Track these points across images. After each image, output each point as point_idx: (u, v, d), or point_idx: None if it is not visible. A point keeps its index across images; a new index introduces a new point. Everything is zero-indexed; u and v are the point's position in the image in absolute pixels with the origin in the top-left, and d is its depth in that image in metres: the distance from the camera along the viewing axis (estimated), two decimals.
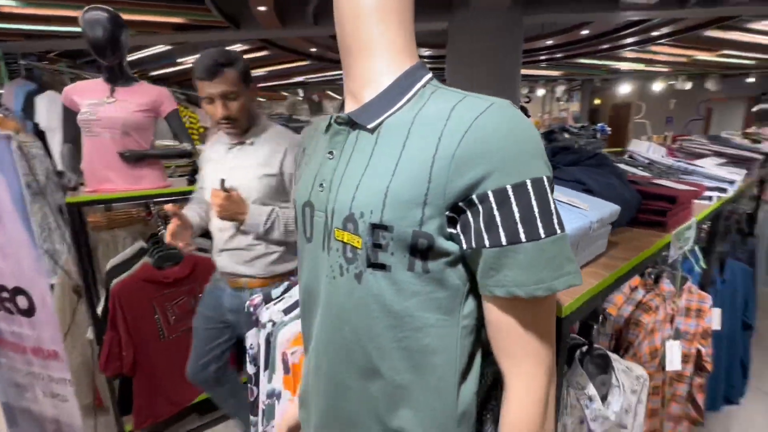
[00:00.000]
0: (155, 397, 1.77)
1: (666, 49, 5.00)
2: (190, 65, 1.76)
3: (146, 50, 3.85)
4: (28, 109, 3.40)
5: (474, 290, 0.48)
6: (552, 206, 0.41)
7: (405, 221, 0.43)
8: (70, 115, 1.68)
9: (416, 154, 0.43)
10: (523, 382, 0.44)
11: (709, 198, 1.21)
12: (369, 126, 0.48)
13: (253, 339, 1.17)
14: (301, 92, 7.81)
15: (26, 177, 1.54)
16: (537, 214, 0.40)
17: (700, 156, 1.63)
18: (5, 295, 1.61)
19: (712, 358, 1.31)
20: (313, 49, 3.95)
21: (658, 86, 7.58)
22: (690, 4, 2.81)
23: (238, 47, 3.78)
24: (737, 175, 1.33)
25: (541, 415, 0.45)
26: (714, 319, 1.32)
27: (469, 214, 0.42)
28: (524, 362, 0.44)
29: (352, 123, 0.50)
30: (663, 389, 1.23)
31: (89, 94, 1.62)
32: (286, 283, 1.23)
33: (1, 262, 1.57)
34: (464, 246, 0.44)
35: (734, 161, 1.58)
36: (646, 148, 1.43)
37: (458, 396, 0.49)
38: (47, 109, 3.41)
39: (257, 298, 1.19)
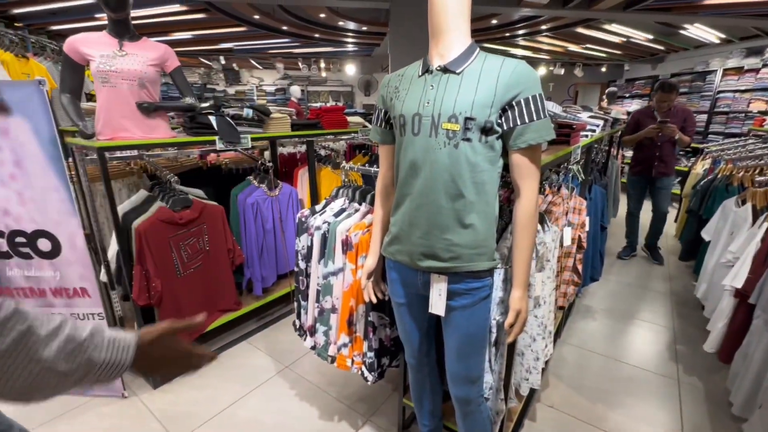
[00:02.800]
0: None
1: (548, 40, 6.20)
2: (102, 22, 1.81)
3: (62, 2, 3.41)
4: None
5: (502, 154, 1.01)
6: (545, 105, 0.96)
7: (481, 115, 0.94)
8: (72, 66, 1.74)
9: (486, 83, 0.94)
10: (529, 188, 1.00)
11: (586, 135, 1.96)
12: (457, 71, 0.97)
13: (304, 242, 1.57)
14: (222, 60, 7.41)
15: None
16: (540, 108, 0.95)
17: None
18: (22, 240, 1.69)
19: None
20: (256, 17, 3.95)
21: (541, 71, 9.18)
22: (570, 6, 3.75)
23: (176, 7, 3.63)
24: (599, 123, 2.13)
25: (536, 205, 1.02)
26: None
27: (509, 111, 0.95)
28: (529, 179, 1.00)
29: (444, 70, 0.98)
30: (560, 260, 1.98)
31: (98, 46, 1.71)
32: (324, 201, 1.64)
33: (19, 208, 1.64)
34: (505, 127, 0.96)
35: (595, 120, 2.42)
36: (551, 106, 2.15)
37: (494, 206, 1.03)
38: None
39: (306, 211, 1.58)
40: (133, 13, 1.96)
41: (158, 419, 1.77)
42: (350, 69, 9.38)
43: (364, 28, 5.43)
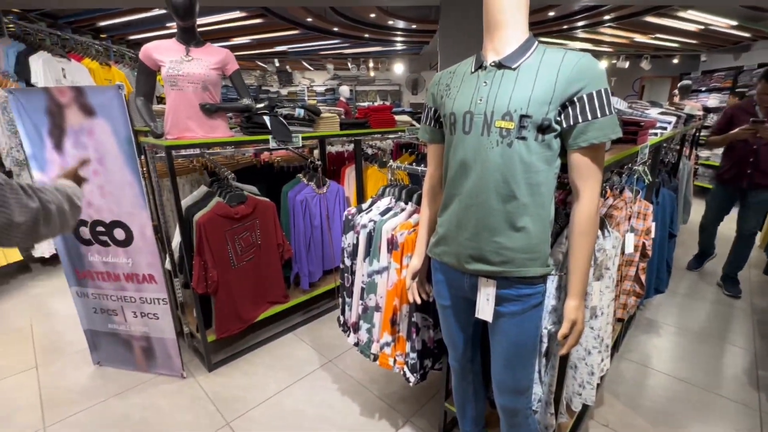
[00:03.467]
0: (230, 315, 2.13)
1: (612, 31, 5.76)
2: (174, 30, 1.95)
3: (139, 14, 3.79)
4: (21, 69, 3.35)
5: (560, 154, 0.95)
6: (611, 100, 0.89)
7: (538, 112, 0.88)
8: (146, 71, 1.91)
9: (545, 78, 0.88)
10: (589, 190, 0.93)
11: (655, 134, 1.79)
12: (513, 66, 0.92)
13: (350, 239, 1.59)
14: (276, 62, 7.78)
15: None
16: (606, 104, 0.87)
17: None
18: (101, 229, 1.87)
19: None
20: (309, 19, 4.10)
21: (602, 65, 8.57)
22: None
23: (236, 14, 3.86)
24: (671, 120, 1.94)
25: (597, 209, 0.94)
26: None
27: (569, 107, 0.89)
28: (590, 180, 0.93)
29: (499, 65, 0.94)
30: (621, 269, 1.83)
31: (168, 53, 1.85)
32: (370, 199, 1.65)
33: (100, 200, 1.82)
34: (564, 125, 0.90)
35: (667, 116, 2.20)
36: (615, 102, 1.99)
37: (549, 208, 0.97)
38: (43, 70, 3.38)
39: (353, 209, 1.60)
40: (198, 21, 2.10)
41: (212, 400, 1.89)
42: (398, 68, 9.39)
43: (414, 27, 5.41)
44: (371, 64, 9.25)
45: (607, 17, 4.54)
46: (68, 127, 1.72)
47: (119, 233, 1.86)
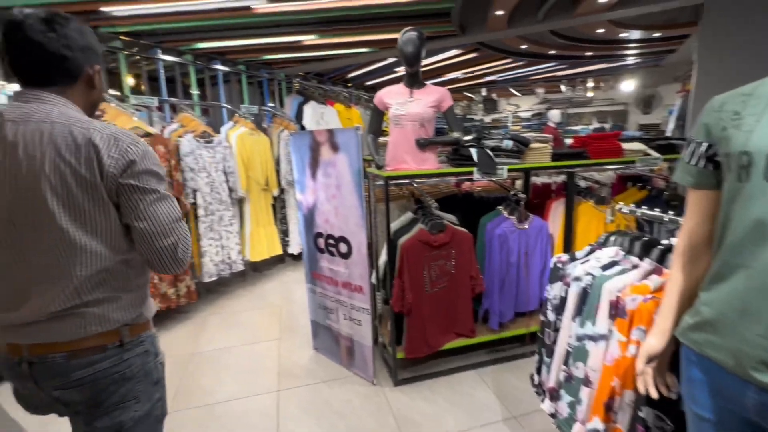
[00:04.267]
0: (418, 337, 2.21)
1: None
2: (400, 74, 2.11)
3: (376, 64, 4.71)
4: (298, 115, 4.56)
5: None
6: None
7: None
8: (377, 113, 2.25)
9: None
10: None
11: None
12: None
13: (557, 291, 1.38)
14: (483, 91, 8.03)
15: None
16: None
17: None
18: (332, 241, 2.27)
19: None
20: (524, 46, 4.08)
21: None
22: None
23: (453, 52, 4.22)
24: None
25: None
26: None
27: None
28: None
29: None
30: None
31: (396, 96, 2.14)
32: (588, 247, 1.39)
33: (334, 219, 2.22)
34: None
35: None
36: None
37: None
38: (310, 115, 4.50)
39: (564, 256, 1.39)
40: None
41: (394, 415, 1.99)
42: (625, 85, 8.00)
43: (656, 35, 4.48)
44: (590, 84, 8.24)
45: None
46: (321, 160, 2.20)
47: (343, 247, 2.23)
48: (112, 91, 3.37)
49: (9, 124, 0.83)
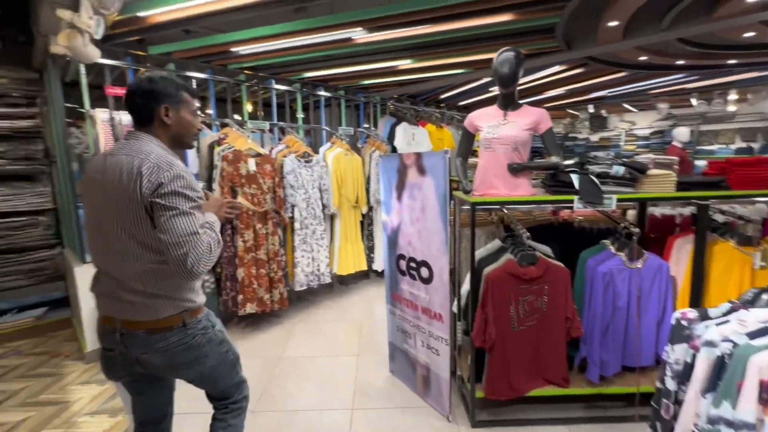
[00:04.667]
0: (501, 378, 2.02)
1: None
2: (494, 93, 1.95)
3: (470, 84, 4.66)
4: (391, 136, 4.70)
5: None
6: None
7: None
8: (468, 136, 2.19)
9: None
10: None
11: None
12: None
13: (681, 354, 1.12)
14: (590, 108, 7.31)
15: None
16: None
17: None
18: (413, 265, 2.24)
19: None
20: (643, 58, 3.60)
21: None
22: None
23: (554, 69, 3.95)
24: None
25: None
26: None
27: None
28: None
29: None
30: None
31: (488, 119, 2.05)
32: (727, 304, 1.12)
33: (417, 242, 2.19)
34: None
35: None
36: None
37: None
38: (401, 135, 4.61)
39: (691, 312, 1.14)
40: None
41: None
42: None
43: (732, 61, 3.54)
44: (733, 96, 6.90)
45: None
46: (408, 182, 2.21)
47: (424, 271, 2.18)
48: (236, 116, 3.91)
49: (108, 156, 1.16)
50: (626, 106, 7.52)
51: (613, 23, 2.52)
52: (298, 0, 2.18)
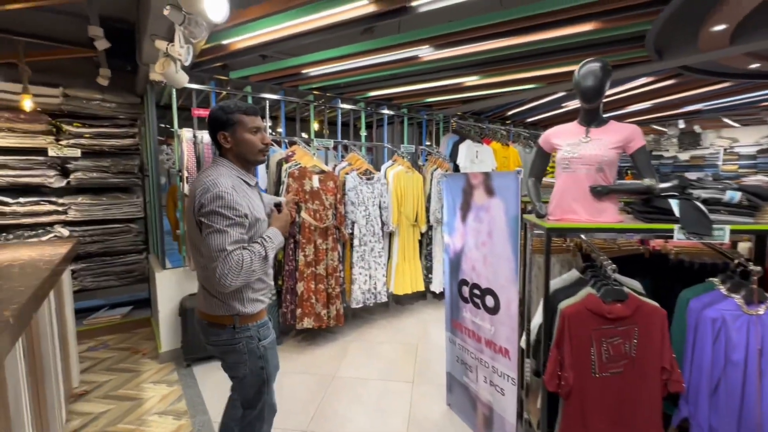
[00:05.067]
0: (578, 429, 1.76)
1: None
2: (573, 107, 1.69)
3: (540, 100, 4.40)
4: (453, 154, 4.58)
5: None
6: None
7: None
8: (542, 155, 2.01)
9: None
10: None
11: None
12: None
13: None
14: (681, 123, 6.53)
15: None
16: None
17: None
18: (477, 292, 2.08)
19: None
20: (755, 65, 3.10)
21: None
22: None
23: (641, 81, 3.57)
24: None
25: None
26: None
27: None
28: None
29: None
30: None
31: (567, 136, 1.86)
32: None
33: (482, 268, 2.03)
34: None
35: None
36: None
37: None
38: (465, 153, 4.46)
39: None
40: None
41: None
42: None
43: None
44: None
45: None
46: (473, 203, 2.08)
47: (489, 300, 2.01)
48: (303, 134, 4.07)
49: (195, 178, 1.45)
50: (726, 120, 6.58)
51: (719, 27, 2.19)
52: (368, 20, 2.20)
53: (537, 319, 2.02)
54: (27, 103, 2.97)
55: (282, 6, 2.03)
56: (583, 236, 2.14)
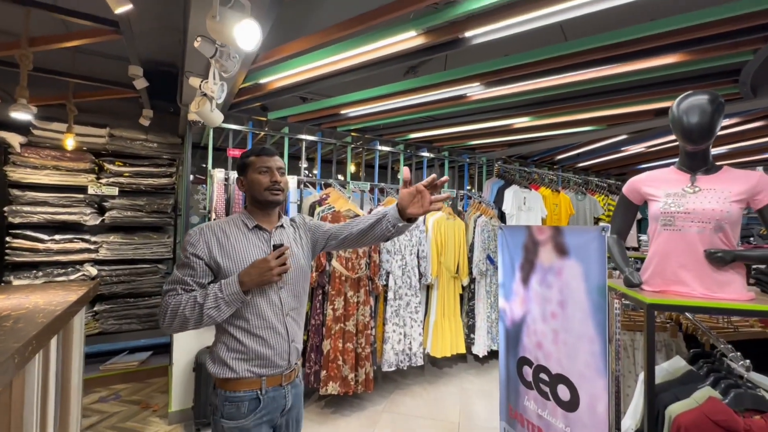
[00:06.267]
0: None
1: None
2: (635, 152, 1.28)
3: (594, 144, 4.01)
4: (498, 199, 4.21)
5: None
6: None
7: None
8: (628, 207, 1.62)
9: None
10: None
11: None
12: None
13: None
14: (760, 169, 5.84)
15: None
16: None
17: None
18: (545, 377, 1.63)
19: None
20: None
21: None
22: None
23: (725, 121, 3.13)
24: None
25: None
26: None
27: None
28: None
29: None
30: None
31: (665, 185, 1.48)
32: None
33: (552, 347, 1.60)
34: None
35: None
36: None
37: None
38: (511, 199, 4.08)
39: None
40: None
41: None
42: None
43: None
44: None
45: None
46: (538, 263, 1.70)
47: (563, 391, 1.56)
48: (339, 176, 3.89)
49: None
50: None
51: None
52: (415, 54, 2.01)
53: (628, 420, 1.53)
54: (69, 142, 3.00)
55: (320, 40, 1.88)
56: (688, 313, 1.67)
